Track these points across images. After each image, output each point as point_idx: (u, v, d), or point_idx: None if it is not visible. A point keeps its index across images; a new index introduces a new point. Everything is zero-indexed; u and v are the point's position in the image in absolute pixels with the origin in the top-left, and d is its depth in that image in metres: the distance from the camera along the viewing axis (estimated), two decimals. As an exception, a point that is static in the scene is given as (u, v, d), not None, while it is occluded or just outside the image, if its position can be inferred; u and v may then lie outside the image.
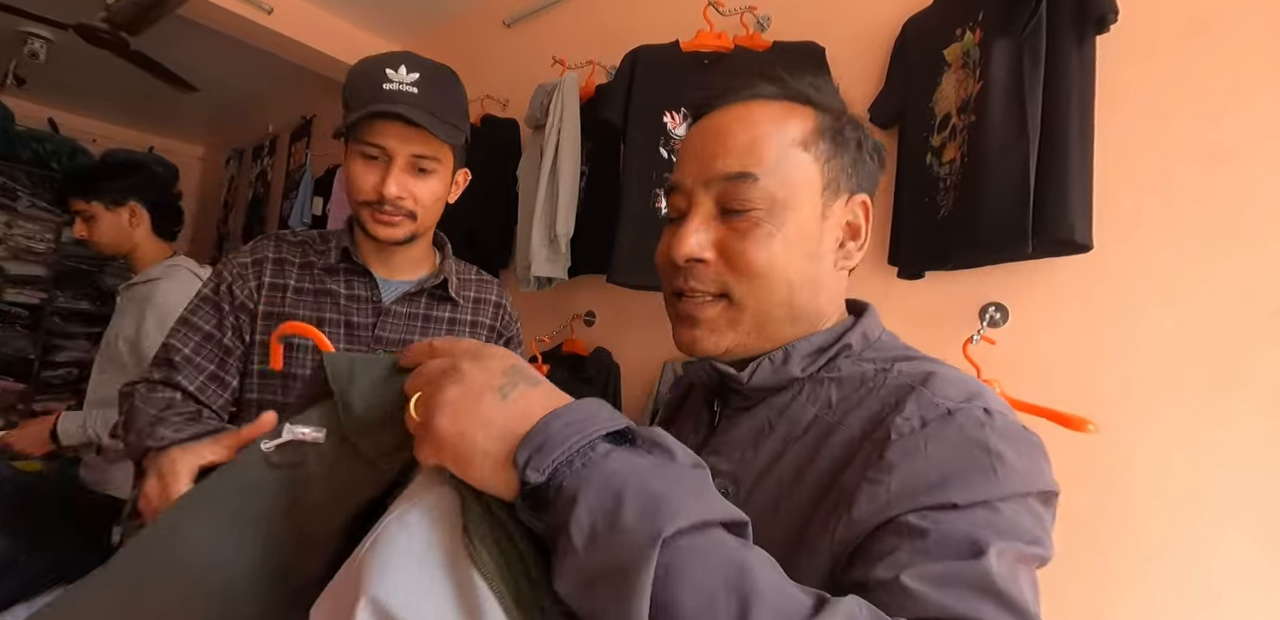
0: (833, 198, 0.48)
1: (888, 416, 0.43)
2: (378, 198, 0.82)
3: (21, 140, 3.86)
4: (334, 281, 0.89)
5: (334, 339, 0.86)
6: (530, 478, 0.32)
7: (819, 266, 0.48)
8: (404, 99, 0.79)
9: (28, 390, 3.91)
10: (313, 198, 2.94)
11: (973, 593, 0.34)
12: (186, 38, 2.78)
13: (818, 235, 0.48)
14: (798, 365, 0.48)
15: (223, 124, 4.21)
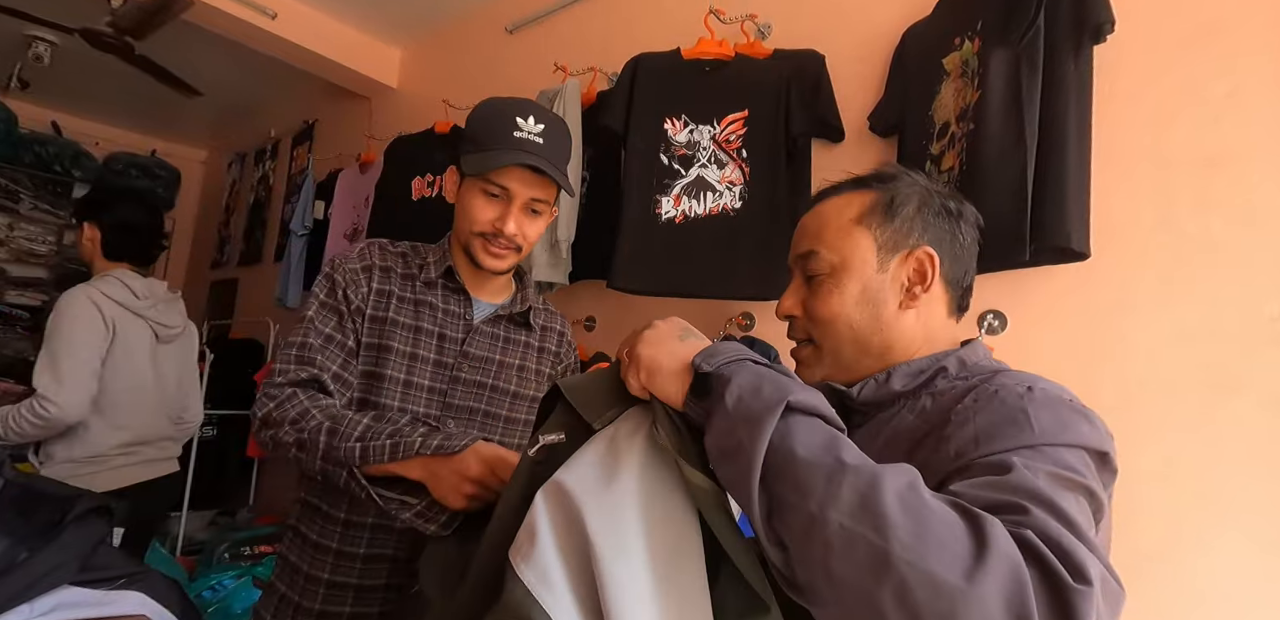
0: (889, 255, 0.62)
1: (954, 408, 0.54)
2: (494, 232, 0.92)
3: (24, 143, 3.87)
4: (432, 295, 0.97)
5: (426, 348, 0.94)
6: (702, 368, 0.50)
7: (880, 310, 0.61)
8: (532, 148, 0.88)
9: (28, 391, 3.91)
10: (314, 202, 2.95)
11: (1010, 491, 0.42)
12: (190, 42, 2.80)
13: (877, 286, 0.61)
14: (899, 382, 0.60)
15: (225, 128, 4.23)
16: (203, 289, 4.39)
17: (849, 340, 0.62)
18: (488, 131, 0.90)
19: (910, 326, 0.62)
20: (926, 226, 0.62)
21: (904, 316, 0.62)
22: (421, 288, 0.96)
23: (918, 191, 0.63)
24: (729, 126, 1.50)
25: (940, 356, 0.61)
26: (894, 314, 0.62)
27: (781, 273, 1.40)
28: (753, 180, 1.46)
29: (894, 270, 0.62)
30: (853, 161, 1.50)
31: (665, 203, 1.50)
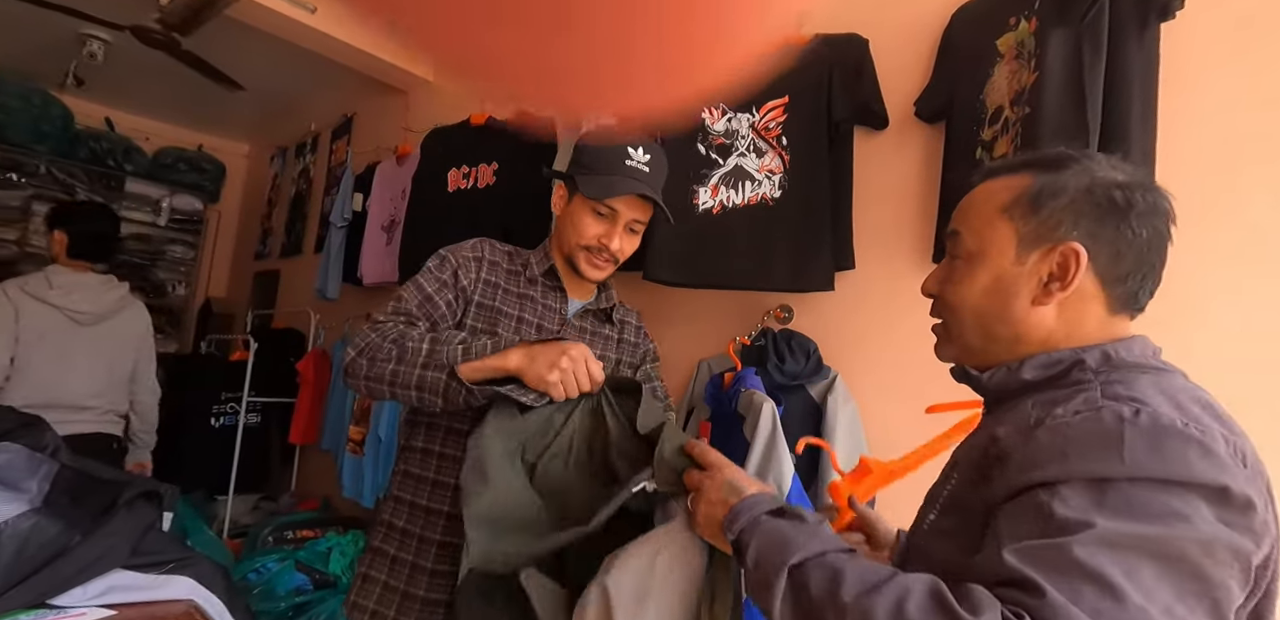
0: (1030, 248, 0.59)
1: (1057, 406, 0.51)
2: (600, 246, 1.04)
3: (80, 139, 4.02)
4: (534, 290, 1.09)
5: (526, 335, 1.05)
6: (729, 536, 0.62)
7: (1010, 302, 0.59)
8: (641, 176, 1.01)
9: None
10: (353, 194, 2.99)
11: (1032, 558, 0.42)
12: (233, 38, 2.85)
13: (1011, 278, 0.59)
14: (1030, 372, 0.58)
15: (267, 122, 4.32)
16: (246, 280, 4.52)
17: (973, 327, 0.62)
18: (602, 158, 1.02)
19: (1046, 322, 0.59)
20: (1080, 219, 0.57)
21: (1038, 312, 0.59)
22: (525, 283, 1.09)
23: (1082, 182, 0.58)
24: (769, 114, 1.47)
25: (1082, 349, 0.57)
26: (1025, 308, 0.59)
27: (821, 264, 1.38)
28: (793, 169, 1.43)
29: (1033, 264, 0.59)
30: (896, 149, 1.46)
31: (702, 193, 1.48)
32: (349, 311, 3.09)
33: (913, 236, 1.39)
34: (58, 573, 0.69)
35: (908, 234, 1.40)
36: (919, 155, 1.42)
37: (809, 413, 1.37)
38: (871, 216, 1.45)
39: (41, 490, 0.73)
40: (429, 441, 1.00)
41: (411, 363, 0.86)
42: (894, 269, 1.41)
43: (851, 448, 1.30)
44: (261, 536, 2.47)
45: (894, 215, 1.43)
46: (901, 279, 1.39)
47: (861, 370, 1.42)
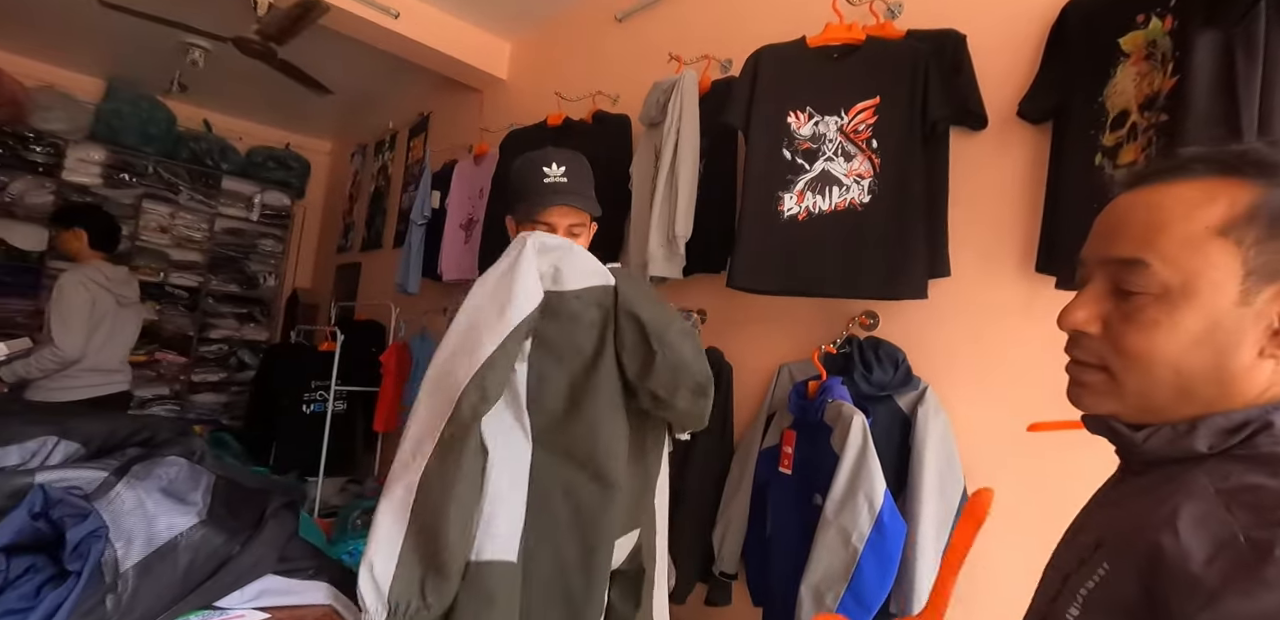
0: (1263, 284, 0.44)
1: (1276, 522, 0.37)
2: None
3: (182, 140, 4.30)
4: None
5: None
6: None
7: (1228, 356, 0.45)
8: (559, 188, 1.11)
9: (188, 363, 4.41)
10: (431, 192, 3.09)
11: None
12: (319, 44, 2.98)
13: (1232, 325, 0.45)
14: (1204, 441, 0.45)
15: (348, 120, 4.50)
16: (329, 272, 4.75)
17: (1169, 386, 0.47)
18: (523, 183, 1.15)
19: (1262, 379, 0.46)
20: None
21: (1261, 367, 0.45)
22: None
23: None
24: (858, 116, 1.43)
25: (1273, 407, 0.44)
26: (1248, 364, 0.45)
27: (914, 271, 1.34)
28: (883, 172, 1.39)
29: (1262, 305, 0.44)
30: (996, 151, 1.39)
31: (788, 200, 1.45)
32: (428, 305, 3.21)
33: (1013, 243, 1.33)
34: (222, 579, 0.76)
35: (1008, 241, 1.34)
36: (1022, 158, 1.35)
37: (897, 425, 1.34)
38: (968, 222, 1.40)
39: (205, 502, 0.81)
40: None
41: None
42: (992, 277, 1.36)
43: (944, 462, 1.27)
44: (350, 519, 2.61)
45: (993, 221, 1.38)
46: (1000, 288, 1.34)
47: (953, 382, 1.37)
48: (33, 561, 0.68)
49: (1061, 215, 1.16)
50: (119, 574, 0.68)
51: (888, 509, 1.16)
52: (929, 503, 1.22)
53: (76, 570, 0.66)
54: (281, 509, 0.86)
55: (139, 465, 0.81)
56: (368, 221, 4.24)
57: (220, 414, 4.55)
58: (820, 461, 1.32)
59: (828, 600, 1.19)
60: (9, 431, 0.81)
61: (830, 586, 1.19)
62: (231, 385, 4.60)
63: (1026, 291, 1.30)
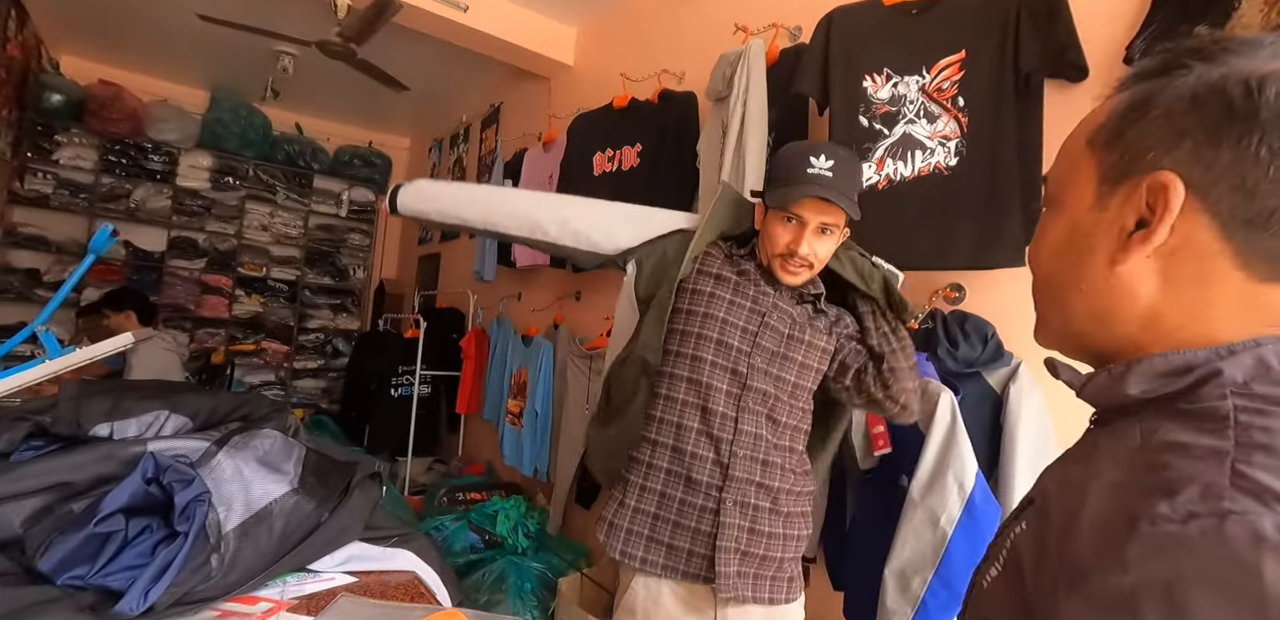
0: (1113, 186, 0.41)
1: (1163, 491, 0.32)
2: (790, 252, 1.08)
3: (277, 144, 4.59)
4: (747, 280, 1.18)
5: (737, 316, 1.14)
6: None
7: (1082, 261, 0.43)
8: (823, 181, 1.03)
9: (290, 351, 4.75)
10: (504, 181, 3.15)
11: None
12: (393, 42, 3.09)
13: (1086, 228, 0.43)
14: (1136, 385, 0.40)
15: (424, 116, 4.66)
16: (412, 263, 4.97)
17: (1047, 297, 0.47)
18: (786, 170, 1.07)
19: (1141, 291, 0.40)
20: (1179, 138, 0.38)
21: (1119, 275, 0.41)
22: (737, 275, 1.17)
23: (1188, 84, 0.38)
24: (941, 73, 1.33)
25: (1226, 350, 0.37)
26: (1100, 271, 0.42)
27: (1008, 237, 1.24)
28: (972, 132, 1.29)
29: (1115, 208, 0.41)
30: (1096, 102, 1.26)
31: (866, 169, 1.38)
32: (503, 292, 3.30)
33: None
34: (313, 543, 0.81)
35: (1114, 202, 1.22)
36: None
37: (986, 402, 1.26)
38: (1066, 183, 1.28)
39: (297, 472, 0.86)
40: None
41: None
42: (1095, 243, 1.24)
43: (1038, 441, 1.18)
44: (437, 497, 2.74)
45: (1095, 181, 1.25)
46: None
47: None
48: (148, 523, 0.74)
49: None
50: (221, 535, 0.74)
51: (980, 490, 1.09)
52: (1021, 485, 1.13)
53: (185, 531, 0.71)
54: (366, 480, 0.90)
55: (238, 437, 0.87)
56: (446, 214, 4.39)
57: (319, 398, 4.87)
58: (905, 442, 1.26)
59: (914, 585, 1.13)
60: (126, 406, 0.89)
61: (917, 571, 1.13)
62: (329, 371, 4.91)
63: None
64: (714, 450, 1.07)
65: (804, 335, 1.13)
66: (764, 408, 1.09)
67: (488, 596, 1.96)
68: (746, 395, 1.08)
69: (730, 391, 1.08)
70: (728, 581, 1.03)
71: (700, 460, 1.07)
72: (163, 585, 0.67)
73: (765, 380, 1.09)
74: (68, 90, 3.75)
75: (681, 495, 1.07)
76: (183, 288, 4.31)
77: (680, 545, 1.06)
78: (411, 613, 0.73)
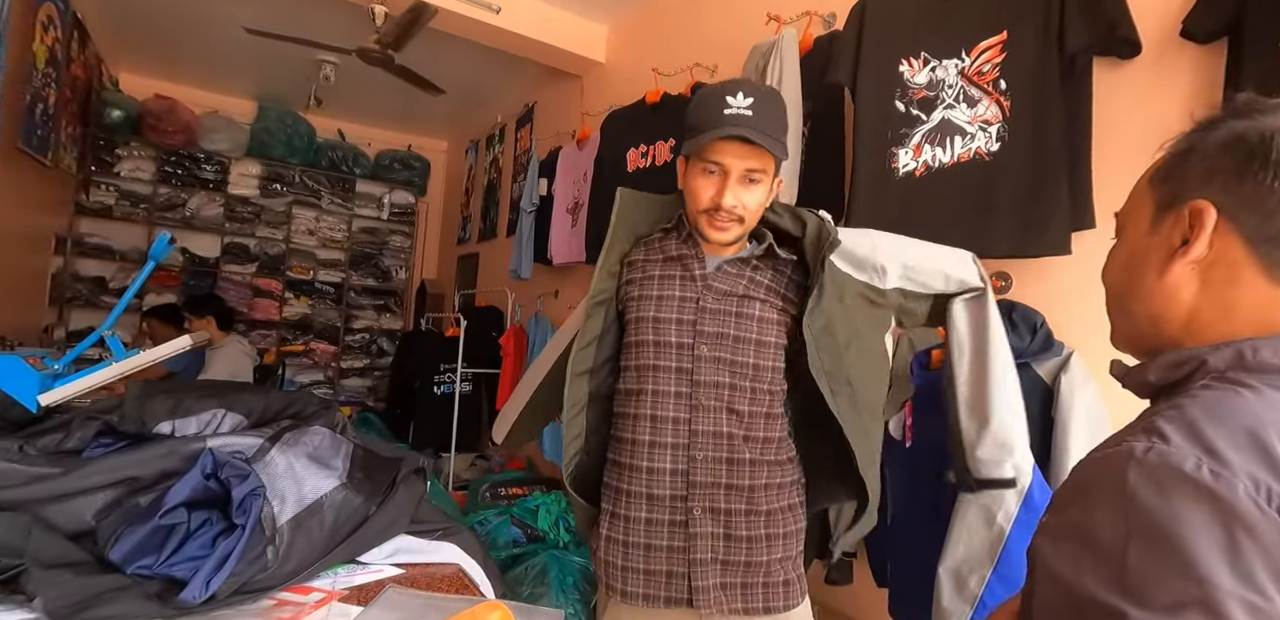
0: (1163, 213, 0.52)
1: (1113, 438, 0.45)
2: (714, 206, 0.96)
3: (321, 150, 4.74)
4: (675, 267, 1.07)
5: (669, 290, 1.05)
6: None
7: (1138, 276, 0.54)
8: (741, 121, 0.91)
9: (337, 351, 4.90)
10: (539, 180, 3.19)
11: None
12: (429, 47, 3.15)
13: (1143, 250, 0.53)
14: (1153, 374, 0.51)
15: (460, 119, 4.74)
16: (452, 263, 5.06)
17: (1116, 308, 0.58)
18: (701, 114, 0.94)
19: (1183, 296, 0.51)
20: (1213, 175, 0.49)
21: (1166, 283, 0.51)
22: (665, 264, 1.06)
23: (1222, 134, 0.49)
24: (982, 55, 1.29)
25: (1216, 346, 0.48)
26: (1153, 281, 0.52)
27: (1054, 224, 1.19)
28: (1014, 116, 1.24)
29: (1165, 231, 0.51)
30: (1151, 81, 1.20)
31: (903, 155, 1.34)
32: (541, 289, 3.34)
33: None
34: (362, 536, 0.84)
35: (1171, 184, 1.16)
36: (1185, 87, 1.16)
37: (1036, 395, 1.21)
38: (1116, 165, 1.22)
39: (345, 467, 0.89)
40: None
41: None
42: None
43: (1093, 434, 1.13)
44: (480, 492, 2.80)
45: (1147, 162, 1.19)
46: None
47: (1103, 348, 1.22)
48: (208, 516, 0.77)
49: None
50: (276, 528, 0.77)
51: (1037, 485, 1.05)
52: (1078, 480, 1.09)
53: (242, 524, 0.74)
54: (411, 475, 0.92)
55: (289, 434, 0.91)
56: (483, 213, 4.46)
57: (365, 396, 5.02)
58: (948, 435, 1.22)
59: (971, 584, 1.10)
60: (186, 405, 0.93)
61: (974, 569, 1.10)
62: (374, 370, 5.06)
63: (1196, 241, 1.12)
64: (670, 459, 0.98)
65: (751, 309, 1.01)
66: (720, 401, 0.98)
67: (530, 590, 1.99)
68: (698, 392, 0.98)
69: (679, 392, 0.98)
70: (707, 596, 0.95)
71: (658, 473, 0.98)
72: (223, 575, 0.70)
73: (717, 370, 0.98)
74: (126, 106, 3.94)
75: (647, 515, 0.99)
76: (236, 292, 4.49)
77: (657, 568, 0.98)
78: (455, 604, 0.75)
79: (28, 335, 3.10)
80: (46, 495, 0.73)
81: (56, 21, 2.74)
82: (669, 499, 0.98)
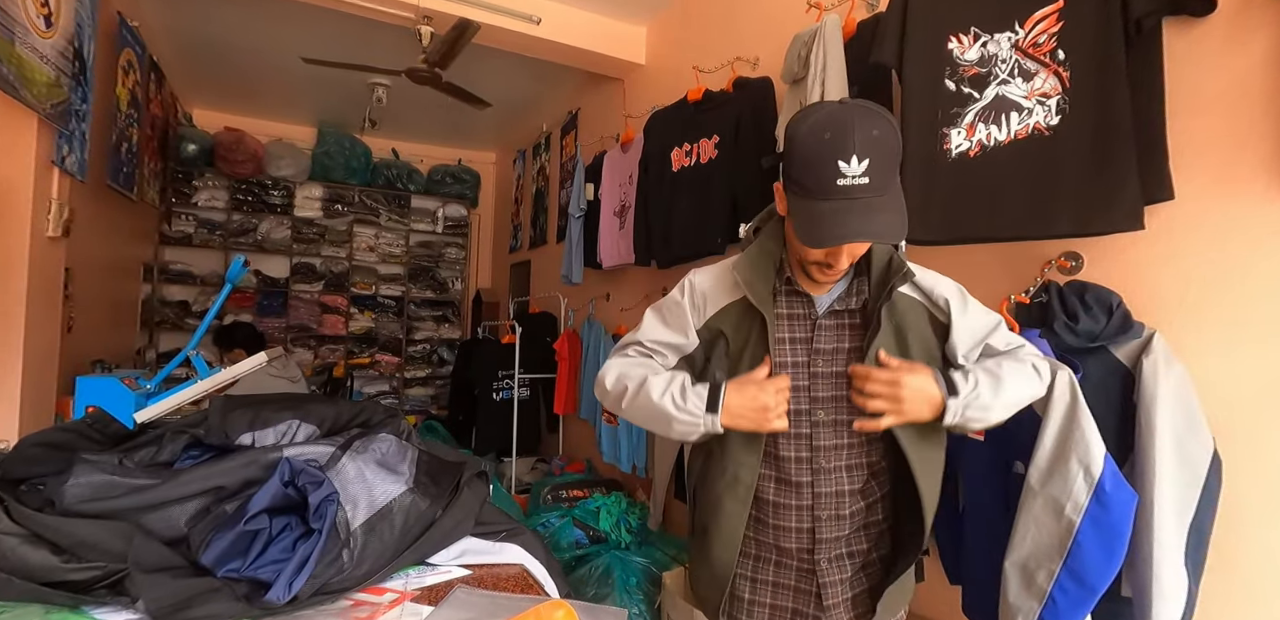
0: None
1: None
2: (827, 263, 0.92)
3: (377, 169, 4.93)
4: (777, 304, 1.02)
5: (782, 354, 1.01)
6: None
7: None
8: (857, 193, 0.82)
9: (400, 362, 5.08)
10: (585, 185, 3.22)
11: None
12: (473, 62, 3.23)
13: None
14: None
15: (506, 129, 4.85)
16: (505, 271, 5.17)
17: None
18: (811, 172, 0.84)
19: None
20: None
21: None
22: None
23: None
24: (1037, 26, 1.22)
25: None
26: None
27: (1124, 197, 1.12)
28: (1075, 87, 1.18)
29: None
30: (1227, 40, 1.12)
31: (955, 136, 1.29)
32: (592, 293, 3.37)
33: (1261, 154, 1.06)
34: (430, 538, 0.87)
35: (1252, 151, 1.08)
36: (1267, 43, 1.07)
37: (1115, 379, 1.14)
38: (1195, 133, 1.14)
39: (411, 473, 0.92)
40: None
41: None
42: (1233, 197, 1.10)
43: (1182, 420, 1.05)
44: (541, 495, 2.84)
45: (1229, 129, 1.11)
46: (1246, 209, 1.08)
47: (1191, 326, 1.14)
48: (288, 521, 0.81)
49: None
50: (350, 532, 0.80)
51: (1109, 476, 0.99)
52: (1165, 468, 1.01)
53: (319, 528, 0.78)
54: (474, 478, 0.95)
55: (359, 442, 0.94)
56: (532, 221, 4.54)
57: (429, 405, 5.19)
58: (1018, 425, 1.16)
59: (1040, 579, 1.05)
60: (264, 417, 0.99)
61: (1041, 564, 1.04)
62: (436, 379, 5.22)
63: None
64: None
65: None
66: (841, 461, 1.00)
67: (594, 590, 2.01)
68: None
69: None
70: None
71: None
72: (304, 577, 0.73)
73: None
74: (200, 139, 4.21)
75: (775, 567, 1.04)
76: (305, 309, 4.72)
77: (782, 604, 1.03)
78: (521, 603, 0.76)
79: (123, 357, 3.35)
80: (144, 504, 0.79)
81: (135, 65, 2.95)
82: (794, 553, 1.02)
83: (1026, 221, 1.22)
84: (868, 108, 0.84)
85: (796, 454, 1.00)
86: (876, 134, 0.82)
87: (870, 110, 0.84)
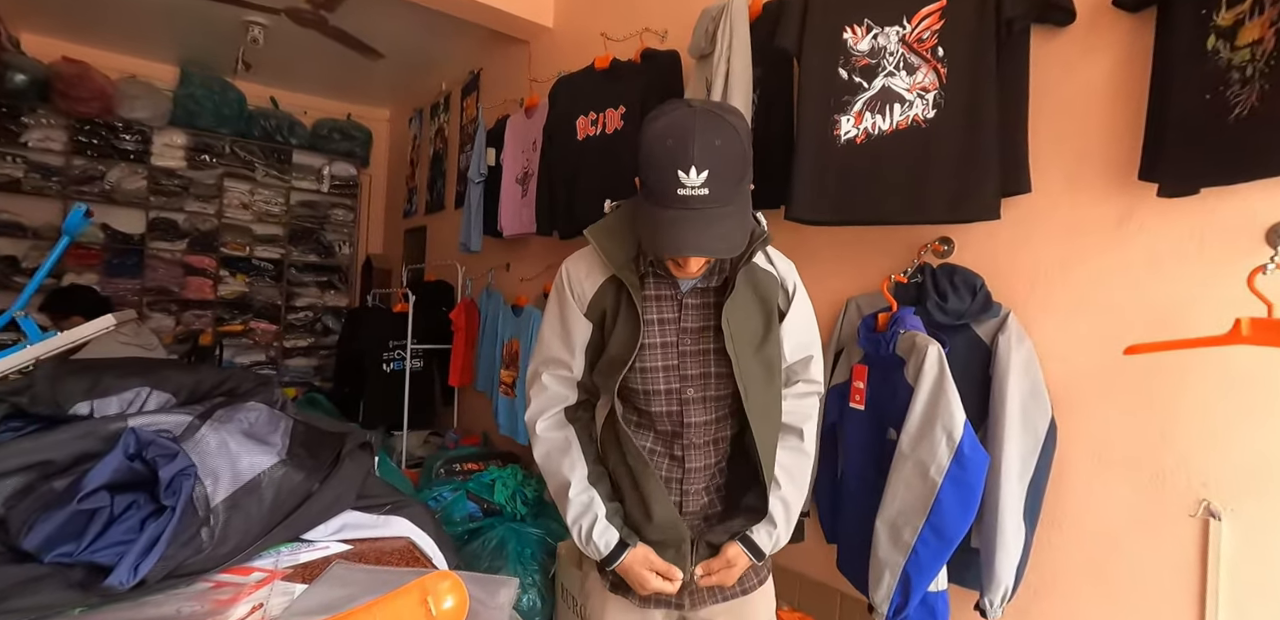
0: None
1: None
2: (677, 262, 0.94)
3: (253, 119, 4.47)
4: (646, 287, 1.04)
5: (650, 333, 1.02)
6: None
7: None
8: (695, 204, 0.82)
9: (279, 330, 4.73)
10: (486, 149, 3.09)
11: None
12: (367, 8, 2.98)
13: None
14: None
15: (402, 86, 4.54)
16: (398, 236, 4.91)
17: None
18: (656, 176, 0.84)
19: None
20: None
21: None
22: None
23: None
24: (922, 22, 1.29)
25: None
26: None
27: (984, 189, 1.22)
28: (951, 83, 1.26)
29: None
30: (1085, 49, 1.23)
31: (844, 122, 1.35)
32: (492, 262, 3.27)
33: (1105, 153, 1.19)
34: (305, 513, 0.81)
35: (1099, 150, 1.20)
36: (1117, 54, 1.19)
37: (976, 354, 1.26)
38: (1052, 132, 1.26)
39: (284, 443, 0.86)
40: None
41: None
42: (1082, 191, 1.23)
43: (1028, 390, 1.18)
44: (435, 469, 2.77)
45: (1081, 128, 1.23)
46: (1091, 202, 1.21)
47: (1039, 307, 1.27)
48: (134, 498, 0.74)
49: (1170, 113, 1.01)
50: (210, 508, 0.74)
51: (968, 440, 1.10)
52: (1012, 433, 1.15)
53: (172, 505, 0.71)
54: (357, 450, 0.90)
55: (222, 410, 0.87)
56: (429, 185, 4.32)
57: (311, 376, 4.88)
58: (893, 395, 1.26)
59: (905, 534, 1.15)
60: (106, 384, 0.88)
61: (908, 521, 1.15)
62: (319, 349, 4.91)
63: (1122, 205, 1.17)
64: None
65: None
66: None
67: (488, 563, 2.00)
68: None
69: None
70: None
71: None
72: (152, 559, 0.67)
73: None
74: (31, 69, 3.63)
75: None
76: (165, 270, 4.26)
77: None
78: (405, 576, 0.74)
79: (-68, 319, 2.88)
80: (-53, 483, 0.69)
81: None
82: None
83: (904, 207, 1.30)
84: (715, 115, 0.83)
85: (673, 428, 1.03)
86: (719, 144, 0.81)
87: (717, 117, 0.82)
